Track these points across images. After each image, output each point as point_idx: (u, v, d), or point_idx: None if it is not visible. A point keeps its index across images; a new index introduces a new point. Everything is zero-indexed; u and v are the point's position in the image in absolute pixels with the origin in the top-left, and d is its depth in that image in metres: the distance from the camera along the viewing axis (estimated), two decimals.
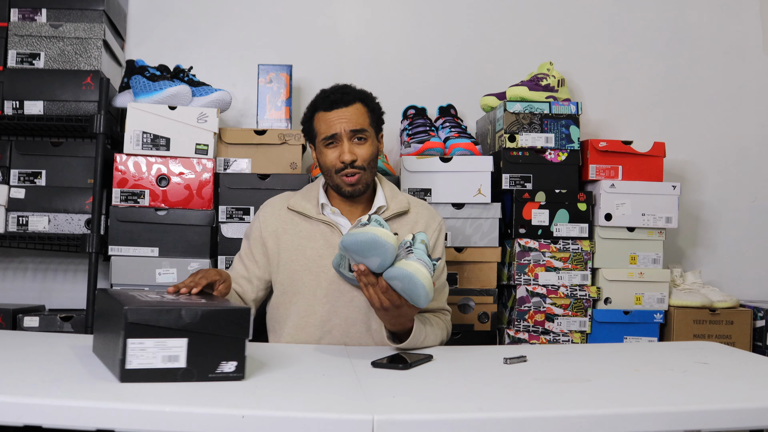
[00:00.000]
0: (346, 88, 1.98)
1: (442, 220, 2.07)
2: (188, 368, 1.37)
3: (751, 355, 1.91)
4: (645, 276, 2.56)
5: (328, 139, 1.93)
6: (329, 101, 1.94)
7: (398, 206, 2.01)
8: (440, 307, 2.00)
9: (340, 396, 1.38)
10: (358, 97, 1.96)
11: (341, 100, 1.93)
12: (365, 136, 1.94)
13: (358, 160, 1.92)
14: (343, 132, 1.91)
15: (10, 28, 2.46)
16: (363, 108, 1.96)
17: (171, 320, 1.36)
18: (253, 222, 2.04)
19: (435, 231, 2.03)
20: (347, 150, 1.91)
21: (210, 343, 1.38)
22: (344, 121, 1.92)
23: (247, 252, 2.01)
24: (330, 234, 1.96)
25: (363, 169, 1.93)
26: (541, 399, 1.39)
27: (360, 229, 1.64)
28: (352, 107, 1.94)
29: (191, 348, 1.37)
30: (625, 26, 3.02)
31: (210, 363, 1.38)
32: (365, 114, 1.96)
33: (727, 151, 3.04)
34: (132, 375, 1.34)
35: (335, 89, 1.98)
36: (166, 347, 1.36)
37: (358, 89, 2.00)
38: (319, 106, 1.96)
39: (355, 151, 1.92)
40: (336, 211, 1.98)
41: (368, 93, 2.01)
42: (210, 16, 2.90)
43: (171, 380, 1.36)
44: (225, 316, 1.39)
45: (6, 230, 2.44)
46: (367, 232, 1.61)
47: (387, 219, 1.98)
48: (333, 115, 1.92)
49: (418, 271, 1.61)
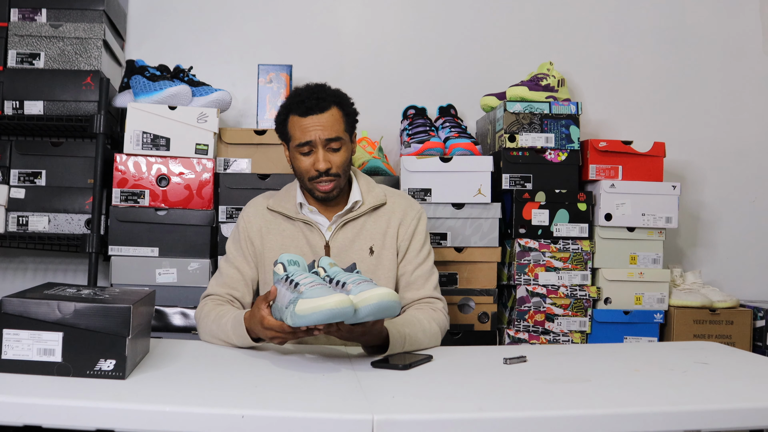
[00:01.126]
0: (321, 92, 1.93)
1: (421, 209, 2.05)
2: (64, 363, 1.38)
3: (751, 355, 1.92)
4: (645, 276, 2.56)
5: (303, 146, 1.91)
6: (304, 107, 1.90)
7: (374, 200, 2.00)
8: (428, 295, 1.98)
9: (340, 396, 1.38)
10: (333, 101, 1.92)
11: (316, 107, 1.89)
12: (340, 144, 1.92)
13: (333, 168, 1.91)
14: (318, 140, 1.89)
15: (10, 28, 2.46)
16: (338, 113, 1.92)
17: (45, 313, 1.37)
18: (238, 223, 2.03)
19: (414, 220, 2.01)
20: (322, 158, 1.89)
21: (87, 340, 1.38)
22: (319, 129, 1.89)
23: (236, 254, 2.00)
24: (310, 233, 1.97)
25: (338, 176, 1.93)
26: (541, 399, 1.39)
27: (313, 302, 1.48)
28: (327, 113, 1.90)
29: (67, 343, 1.37)
30: (625, 26, 3.02)
31: (87, 359, 1.38)
32: (340, 119, 1.92)
33: (727, 151, 3.04)
34: (7, 366, 1.36)
35: (310, 93, 1.92)
36: (41, 340, 1.37)
37: (332, 91, 1.95)
38: (293, 109, 1.92)
39: (330, 159, 1.90)
40: (314, 210, 1.98)
41: (343, 95, 1.97)
42: (210, 16, 2.90)
43: (47, 374, 1.37)
44: (101, 312, 1.39)
45: (6, 230, 2.44)
46: (324, 309, 1.47)
47: (364, 214, 1.98)
48: (308, 122, 1.90)
49: (379, 296, 1.52)
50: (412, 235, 2.00)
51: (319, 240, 1.96)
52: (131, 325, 1.40)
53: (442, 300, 2.00)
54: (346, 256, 1.95)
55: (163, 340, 1.81)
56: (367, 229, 1.98)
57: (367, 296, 1.52)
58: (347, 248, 1.96)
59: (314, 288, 1.51)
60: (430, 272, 2.01)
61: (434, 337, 1.88)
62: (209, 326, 1.83)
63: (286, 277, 1.60)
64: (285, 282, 1.59)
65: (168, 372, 1.51)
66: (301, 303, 1.49)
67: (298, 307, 1.49)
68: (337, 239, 1.96)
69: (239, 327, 1.74)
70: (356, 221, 1.98)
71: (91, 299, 1.42)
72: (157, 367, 1.53)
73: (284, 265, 1.63)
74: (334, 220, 1.97)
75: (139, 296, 1.52)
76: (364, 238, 1.97)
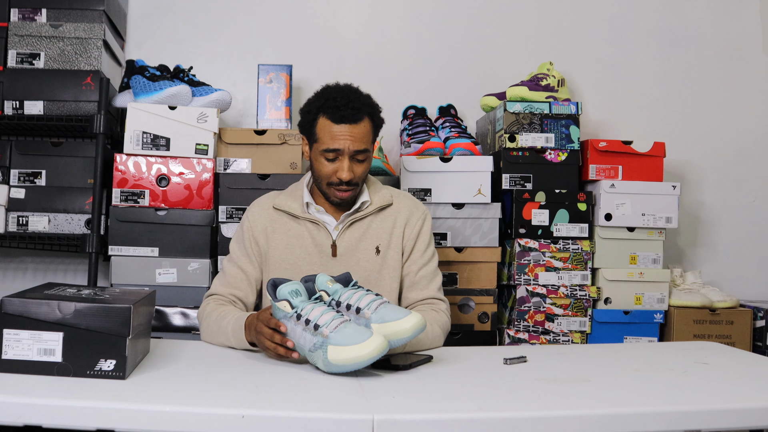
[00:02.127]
0: (356, 101, 1.90)
1: (426, 210, 2.06)
2: (65, 363, 1.38)
3: (751, 355, 1.92)
4: (645, 276, 2.56)
5: (329, 152, 1.90)
6: (339, 114, 1.88)
7: (381, 200, 2.01)
8: (432, 296, 1.98)
9: (340, 396, 1.38)
10: (366, 112, 1.91)
11: (351, 117, 1.88)
12: (366, 156, 1.92)
13: (355, 179, 1.91)
14: (347, 150, 1.89)
15: (10, 28, 2.46)
16: (369, 125, 1.92)
17: (45, 313, 1.37)
18: (243, 222, 2.03)
19: (419, 220, 2.02)
20: (347, 168, 1.89)
21: (87, 340, 1.38)
22: (350, 140, 1.88)
23: (240, 254, 1.99)
24: (317, 232, 1.97)
25: (357, 185, 1.93)
26: (541, 399, 1.39)
27: (349, 353, 1.47)
28: (360, 125, 1.89)
29: (67, 343, 1.38)
30: (625, 26, 3.02)
31: (88, 360, 1.38)
32: (370, 131, 1.92)
33: (727, 151, 3.04)
34: (8, 366, 1.36)
35: (346, 101, 1.89)
36: (42, 340, 1.37)
37: (367, 101, 1.94)
38: (326, 112, 1.90)
39: (354, 170, 1.90)
40: (321, 210, 1.98)
41: (375, 105, 1.96)
42: (210, 16, 2.90)
43: (47, 374, 1.37)
44: (101, 312, 1.39)
45: (6, 230, 2.44)
46: (363, 360, 1.46)
47: (370, 213, 1.99)
48: (339, 130, 1.88)
49: (413, 328, 1.56)
50: (417, 235, 2.01)
51: (325, 239, 1.96)
52: (131, 325, 1.40)
53: (445, 301, 2.01)
54: (353, 256, 1.96)
55: (163, 340, 1.82)
56: (373, 228, 1.99)
57: (398, 329, 1.55)
58: (354, 247, 1.96)
59: (340, 331, 1.49)
60: (434, 273, 2.02)
61: (436, 339, 1.88)
62: (210, 326, 1.84)
63: (297, 315, 1.55)
64: (298, 321, 1.55)
65: (168, 372, 1.51)
66: (334, 352, 1.48)
67: (331, 356, 1.48)
68: (343, 238, 1.96)
69: (239, 331, 1.74)
70: (363, 221, 1.99)
71: (91, 299, 1.42)
72: (157, 367, 1.53)
73: (290, 302, 1.57)
74: (341, 220, 1.97)
75: (139, 296, 1.52)
76: (371, 238, 1.98)
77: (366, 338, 1.47)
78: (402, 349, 1.70)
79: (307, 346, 1.53)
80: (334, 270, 1.93)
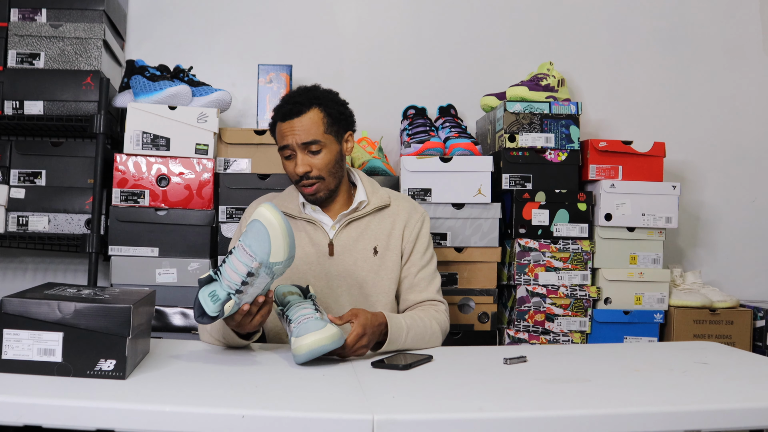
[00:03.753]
0: (300, 95, 1.93)
1: (424, 212, 2.06)
2: (65, 363, 1.38)
3: (751, 355, 1.92)
4: (645, 276, 2.56)
5: (284, 150, 1.92)
6: (281, 112, 1.91)
7: (379, 201, 2.01)
8: (431, 298, 1.99)
9: (340, 396, 1.38)
10: (313, 103, 1.91)
11: (293, 111, 1.89)
12: (319, 147, 1.90)
13: (313, 171, 1.90)
14: (295, 144, 1.89)
15: (10, 28, 2.46)
16: (318, 114, 1.90)
17: (45, 313, 1.37)
18: (242, 223, 2.02)
19: (418, 222, 2.02)
20: (300, 162, 1.89)
21: (87, 340, 1.38)
22: (296, 133, 1.89)
23: None
24: (314, 232, 1.97)
25: (320, 178, 1.92)
26: (541, 399, 1.39)
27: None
28: (304, 117, 1.89)
29: (67, 343, 1.38)
30: (625, 26, 3.02)
31: (87, 360, 1.38)
32: (319, 121, 1.90)
33: (727, 151, 3.04)
34: (8, 366, 1.36)
35: (290, 97, 1.93)
36: (42, 340, 1.38)
37: (315, 93, 1.94)
38: (276, 115, 1.94)
39: (309, 162, 1.90)
40: (317, 209, 1.99)
41: (326, 94, 1.95)
42: (210, 16, 2.90)
43: (47, 374, 1.37)
44: (101, 312, 1.39)
45: (6, 230, 2.44)
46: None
47: (368, 214, 1.99)
48: (285, 127, 1.90)
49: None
50: (416, 237, 2.01)
51: (322, 238, 1.96)
52: (131, 325, 1.40)
53: (444, 303, 2.01)
54: (350, 255, 1.96)
55: (163, 340, 1.82)
56: (371, 229, 1.99)
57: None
58: (351, 247, 1.96)
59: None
60: (433, 275, 2.02)
61: (435, 336, 1.89)
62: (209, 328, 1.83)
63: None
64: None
65: (168, 372, 1.51)
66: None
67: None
68: (341, 238, 1.96)
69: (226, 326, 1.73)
70: (360, 221, 1.99)
71: (91, 299, 1.43)
72: (157, 367, 1.53)
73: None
74: (338, 219, 1.97)
75: (139, 296, 1.52)
76: (368, 238, 1.98)
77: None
78: (376, 321, 1.74)
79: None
80: (332, 269, 1.94)
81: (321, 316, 1.64)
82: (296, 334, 1.59)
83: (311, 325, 1.59)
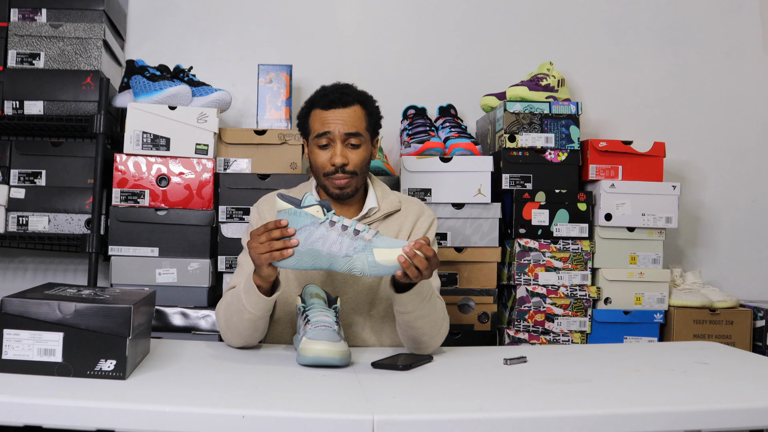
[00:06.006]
0: (347, 88, 1.95)
1: (433, 215, 2.05)
2: (65, 363, 1.38)
3: (751, 355, 1.92)
4: (645, 276, 2.56)
5: (321, 138, 1.90)
6: (327, 100, 1.91)
7: (389, 206, 2.00)
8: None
9: (340, 396, 1.38)
10: (357, 99, 1.93)
11: (339, 100, 1.90)
12: (360, 141, 1.91)
13: (350, 165, 1.89)
14: (337, 133, 1.88)
15: (10, 28, 2.45)
16: (361, 111, 1.93)
17: (45, 313, 1.37)
18: (253, 216, 2.01)
19: (427, 219, 2.01)
20: (339, 153, 1.88)
21: (87, 340, 1.38)
22: (340, 123, 1.89)
23: None
24: None
25: (354, 174, 1.91)
26: (541, 399, 1.40)
27: (392, 258, 1.57)
28: (349, 109, 1.91)
29: (67, 343, 1.38)
30: (625, 26, 3.02)
31: (88, 360, 1.38)
32: (362, 117, 1.93)
33: (727, 151, 3.04)
34: (8, 366, 1.36)
35: (335, 88, 1.95)
36: (42, 340, 1.38)
37: (358, 90, 1.97)
38: (317, 103, 1.93)
39: (347, 155, 1.89)
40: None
41: (368, 96, 1.98)
42: (210, 16, 2.90)
43: (47, 374, 1.37)
44: (102, 312, 1.39)
45: (6, 230, 2.44)
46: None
47: (377, 220, 1.97)
48: (329, 115, 1.90)
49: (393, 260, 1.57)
50: (424, 233, 1.99)
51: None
52: (132, 325, 1.40)
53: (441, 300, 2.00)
54: None
55: (163, 340, 1.82)
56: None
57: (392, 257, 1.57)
58: None
59: (379, 237, 1.59)
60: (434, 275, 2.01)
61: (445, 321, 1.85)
62: (225, 309, 1.80)
63: (331, 222, 1.61)
64: (332, 226, 1.61)
65: (168, 372, 1.51)
66: (380, 253, 1.57)
67: (378, 257, 1.56)
68: None
69: (249, 284, 1.70)
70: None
71: (91, 299, 1.43)
72: (157, 367, 1.53)
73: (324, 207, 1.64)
74: None
75: (139, 296, 1.52)
76: None
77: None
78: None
79: (344, 251, 1.56)
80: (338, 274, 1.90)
81: (338, 330, 1.64)
82: (310, 336, 1.58)
83: (328, 335, 1.58)
